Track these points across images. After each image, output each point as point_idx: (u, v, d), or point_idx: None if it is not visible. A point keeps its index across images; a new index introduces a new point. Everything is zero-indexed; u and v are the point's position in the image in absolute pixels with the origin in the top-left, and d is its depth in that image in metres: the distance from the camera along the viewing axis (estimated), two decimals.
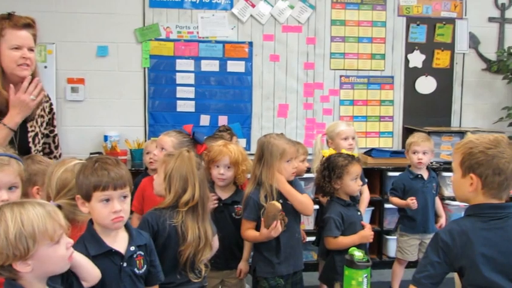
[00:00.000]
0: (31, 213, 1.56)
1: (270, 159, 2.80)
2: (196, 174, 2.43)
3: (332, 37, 5.00)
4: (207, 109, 4.85)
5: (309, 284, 4.07)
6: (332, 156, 3.13)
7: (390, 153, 4.93)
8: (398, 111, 5.19)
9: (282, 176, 2.83)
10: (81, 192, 1.93)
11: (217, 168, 2.95)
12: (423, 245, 3.91)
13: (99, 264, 1.90)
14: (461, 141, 2.08)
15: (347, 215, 3.06)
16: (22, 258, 1.53)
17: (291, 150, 2.85)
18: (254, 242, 2.87)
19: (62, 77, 4.63)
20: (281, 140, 2.86)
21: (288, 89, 4.97)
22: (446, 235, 2.00)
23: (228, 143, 3.06)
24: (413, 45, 5.13)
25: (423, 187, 3.88)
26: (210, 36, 4.81)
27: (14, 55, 2.58)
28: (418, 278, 2.01)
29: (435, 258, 1.99)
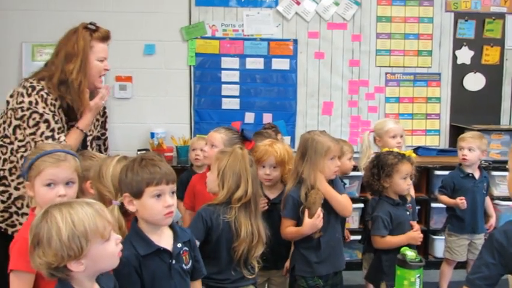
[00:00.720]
0: (80, 212, 1.57)
1: (314, 156, 2.75)
2: (249, 171, 2.46)
3: (378, 34, 4.94)
4: (252, 107, 4.87)
5: (353, 283, 4.07)
6: (381, 154, 3.10)
7: (437, 151, 4.86)
8: (445, 108, 5.09)
9: (322, 175, 2.77)
10: (130, 190, 1.93)
11: (263, 168, 2.92)
12: (473, 245, 3.85)
13: (149, 263, 1.93)
14: None
15: (396, 214, 3.02)
16: (76, 258, 1.54)
17: (335, 148, 2.80)
18: (295, 238, 2.81)
19: (111, 75, 4.70)
20: (325, 137, 2.82)
21: (333, 86, 4.95)
22: (501, 236, 1.96)
23: (274, 142, 3.04)
24: (461, 41, 5.02)
25: (474, 186, 3.80)
26: (255, 34, 4.82)
27: (100, 66, 2.74)
28: (472, 279, 1.98)
29: (490, 259, 1.95)
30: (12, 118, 2.63)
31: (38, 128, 2.59)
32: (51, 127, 2.60)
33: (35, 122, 2.59)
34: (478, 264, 1.99)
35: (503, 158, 4.74)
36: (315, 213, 2.70)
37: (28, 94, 2.60)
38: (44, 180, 2.04)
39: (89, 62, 2.69)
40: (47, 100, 2.62)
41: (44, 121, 2.59)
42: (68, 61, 2.66)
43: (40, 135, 2.58)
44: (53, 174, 2.04)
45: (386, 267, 3.01)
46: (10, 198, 2.63)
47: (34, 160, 2.06)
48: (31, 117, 2.59)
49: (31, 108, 2.58)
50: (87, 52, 2.69)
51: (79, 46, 2.67)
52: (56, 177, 2.05)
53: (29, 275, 1.94)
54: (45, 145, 2.30)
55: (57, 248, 1.52)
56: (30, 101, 2.59)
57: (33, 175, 2.05)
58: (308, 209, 2.71)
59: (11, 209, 2.64)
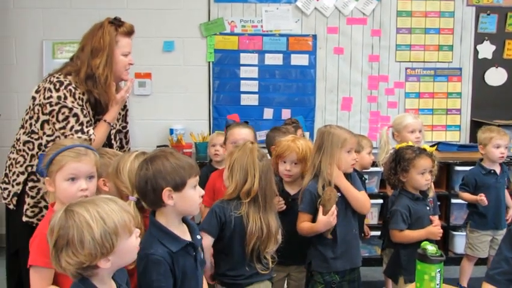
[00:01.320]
0: (107, 209, 1.57)
1: (331, 148, 2.73)
2: (257, 165, 2.45)
3: (398, 29, 4.91)
4: (271, 102, 4.87)
5: (373, 279, 4.06)
6: (401, 148, 3.09)
7: (457, 147, 4.81)
8: (465, 104, 5.04)
9: (340, 172, 2.77)
10: (173, 183, 1.92)
11: (283, 163, 2.92)
12: (495, 242, 3.81)
13: (180, 259, 1.95)
14: None
15: (415, 209, 3.01)
16: (107, 255, 1.54)
17: (352, 141, 2.78)
18: (310, 234, 2.78)
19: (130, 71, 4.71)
20: (342, 130, 2.81)
21: (352, 81, 4.92)
22: None
23: (296, 138, 3.02)
24: (483, 35, 4.96)
25: (496, 183, 3.77)
26: (273, 29, 4.82)
27: (125, 61, 2.82)
28: (492, 274, 1.97)
29: (510, 254, 1.94)
30: (39, 113, 2.67)
31: (68, 122, 2.63)
32: (80, 121, 2.64)
33: (65, 117, 2.63)
34: (498, 259, 1.99)
35: None
36: (329, 210, 2.68)
37: (56, 89, 2.64)
38: (66, 174, 2.07)
39: (114, 56, 2.75)
40: (75, 94, 2.66)
41: (74, 115, 2.63)
42: (95, 56, 2.71)
43: (70, 129, 2.62)
44: (75, 169, 2.08)
45: (404, 261, 3.01)
46: (39, 193, 2.68)
47: (55, 155, 2.09)
48: (60, 112, 2.63)
49: (60, 103, 2.62)
50: (113, 47, 2.74)
51: (104, 41, 2.72)
52: (78, 172, 2.08)
53: (49, 270, 1.97)
54: (64, 141, 2.34)
55: (91, 247, 1.51)
56: (58, 95, 2.63)
57: (54, 170, 2.08)
58: (323, 206, 2.70)
59: (40, 204, 2.69)
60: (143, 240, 1.91)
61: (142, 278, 1.92)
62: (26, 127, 2.73)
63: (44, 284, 1.98)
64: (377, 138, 4.87)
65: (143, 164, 1.98)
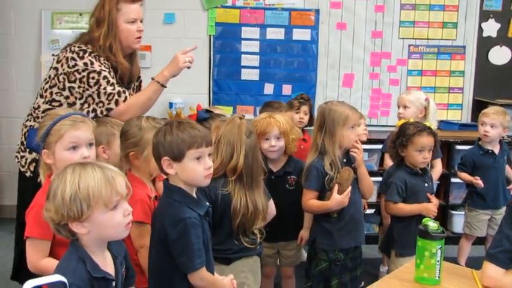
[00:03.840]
0: (90, 177, 1.56)
1: (333, 126, 2.71)
2: (243, 141, 2.39)
3: (402, 5, 4.83)
4: (272, 78, 4.82)
5: (370, 256, 4.06)
6: (406, 123, 3.07)
7: (459, 126, 4.79)
8: (468, 82, 5.00)
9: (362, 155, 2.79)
10: (171, 153, 1.93)
11: (267, 141, 2.88)
12: (493, 221, 3.81)
13: (204, 224, 1.99)
14: None
15: (412, 183, 3.02)
16: (77, 220, 1.54)
17: (354, 117, 2.75)
18: (319, 212, 2.79)
19: None
20: (343, 106, 2.78)
21: (354, 58, 4.87)
22: None
23: (272, 114, 2.99)
24: (488, 13, 4.89)
25: (495, 162, 3.74)
26: (276, 3, 4.74)
27: (131, 29, 2.75)
28: (493, 253, 1.95)
29: (511, 231, 1.92)
30: (65, 82, 2.68)
31: (100, 85, 2.65)
32: (111, 82, 2.67)
33: (95, 81, 2.65)
34: (499, 237, 1.97)
35: None
36: (345, 190, 2.68)
37: (80, 57, 2.65)
38: (67, 144, 2.05)
39: (117, 25, 2.71)
40: (100, 60, 2.68)
41: (103, 78, 2.66)
42: (98, 26, 2.71)
43: (104, 89, 2.64)
44: (75, 137, 2.06)
45: (397, 234, 3.04)
46: None
47: (52, 125, 2.05)
48: (90, 77, 2.64)
49: (88, 69, 2.64)
50: (113, 15, 2.71)
51: (105, 10, 2.70)
52: (78, 139, 2.07)
53: (45, 242, 1.97)
54: (57, 110, 2.32)
55: (59, 205, 1.53)
56: (85, 62, 2.64)
57: (53, 141, 2.05)
58: (339, 185, 2.69)
59: None
60: (169, 207, 1.96)
61: (177, 244, 1.92)
62: (46, 96, 2.73)
63: (39, 255, 1.98)
64: (377, 115, 4.87)
65: (156, 132, 2.01)
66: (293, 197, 2.88)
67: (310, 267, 2.85)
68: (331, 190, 2.71)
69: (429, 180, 3.16)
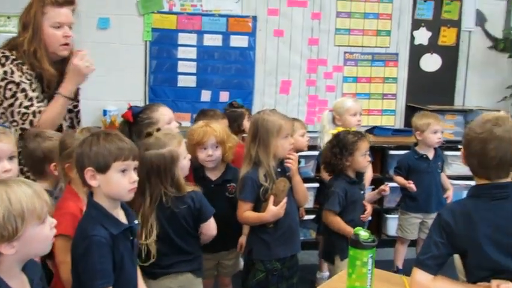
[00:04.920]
0: (18, 191, 1.49)
1: (266, 136, 2.69)
2: None
3: (338, 12, 4.92)
4: (209, 84, 4.79)
5: (308, 263, 4.09)
6: (340, 133, 3.11)
7: (392, 131, 4.91)
8: (401, 89, 5.14)
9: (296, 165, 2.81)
10: (95, 163, 1.87)
11: (204, 150, 2.86)
12: (425, 224, 3.92)
13: (118, 242, 1.91)
14: None
15: (351, 192, 3.07)
16: (9, 239, 1.46)
17: (287, 126, 2.75)
18: (255, 223, 2.78)
19: None
20: (276, 115, 2.76)
21: (292, 65, 4.91)
22: (448, 215, 1.98)
23: (208, 122, 2.97)
24: (420, 21, 5.05)
25: (428, 167, 3.86)
26: (213, 9, 4.72)
27: (56, 34, 2.60)
28: (422, 259, 1.99)
29: (439, 238, 1.97)
30: None
31: (16, 98, 2.50)
32: (29, 96, 2.52)
33: (12, 93, 2.50)
34: (428, 244, 2.01)
35: (457, 138, 4.84)
36: (281, 201, 2.68)
37: (1, 64, 2.51)
38: None
39: (42, 29, 2.57)
40: (22, 69, 2.53)
41: (22, 90, 2.51)
42: (24, 30, 2.58)
43: (19, 106, 2.49)
44: None
45: (337, 242, 3.07)
46: None
47: None
48: (7, 88, 2.49)
49: (6, 78, 2.49)
50: (38, 19, 2.57)
51: (30, 14, 2.58)
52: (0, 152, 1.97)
53: None
54: None
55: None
56: (5, 70, 2.50)
57: None
58: (275, 196, 2.68)
59: None
60: (83, 221, 1.90)
61: (81, 260, 1.86)
62: None
63: None
64: (314, 122, 4.92)
65: (81, 142, 1.94)
66: (233, 204, 2.85)
67: (247, 278, 2.82)
68: (267, 201, 2.69)
69: (364, 187, 3.23)
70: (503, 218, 1.91)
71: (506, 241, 1.89)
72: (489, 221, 1.91)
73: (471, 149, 1.96)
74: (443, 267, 1.99)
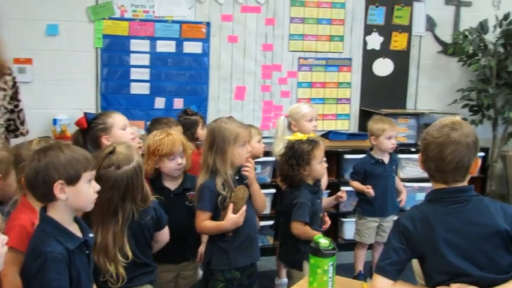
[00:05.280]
0: None
1: (223, 144, 2.67)
2: None
3: (291, 18, 4.92)
4: (163, 91, 4.71)
5: (265, 269, 4.07)
6: (295, 143, 3.08)
7: (347, 135, 4.94)
8: (355, 93, 5.19)
9: (253, 173, 2.78)
10: (66, 175, 1.81)
11: (173, 160, 2.81)
12: (381, 228, 3.97)
13: (76, 258, 1.85)
14: None
15: (313, 201, 3.06)
16: None
17: (244, 134, 2.73)
18: (214, 233, 2.74)
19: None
20: (232, 123, 2.74)
21: (246, 70, 4.89)
22: (407, 220, 1.99)
23: (168, 131, 2.94)
24: (372, 27, 5.11)
25: (384, 171, 3.90)
26: (166, 15, 4.65)
27: None
28: (382, 265, 1.99)
29: (398, 244, 1.98)
30: None
31: None
32: None
33: None
34: (387, 249, 2.01)
35: (409, 141, 4.92)
36: (240, 209, 2.65)
37: None
38: None
39: None
40: None
41: None
42: None
43: None
44: None
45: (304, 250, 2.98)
46: None
47: None
48: None
49: None
50: None
51: None
52: None
53: None
54: None
55: None
56: None
57: None
58: (234, 204, 2.65)
59: None
60: (35, 238, 1.83)
61: (36, 279, 1.79)
62: None
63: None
64: (269, 127, 4.91)
65: (35, 154, 1.85)
66: (193, 213, 2.80)
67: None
68: (225, 209, 2.66)
69: (321, 195, 3.22)
70: (461, 222, 1.93)
71: (465, 245, 1.91)
72: (448, 225, 1.93)
73: (428, 154, 1.97)
74: (402, 272, 2.00)
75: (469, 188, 2.00)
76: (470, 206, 1.96)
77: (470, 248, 1.91)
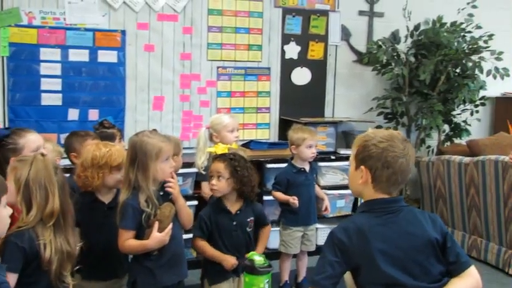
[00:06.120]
0: None
1: (145, 160, 2.55)
2: (54, 182, 2.19)
3: (209, 27, 4.85)
4: (76, 102, 4.47)
5: (191, 283, 3.93)
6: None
7: (268, 144, 4.93)
8: (274, 102, 5.19)
9: (177, 189, 2.68)
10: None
11: (119, 172, 2.70)
12: (305, 237, 3.97)
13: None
14: (360, 135, 2.08)
15: (216, 218, 2.99)
16: None
17: (167, 148, 2.63)
18: (138, 252, 2.62)
19: None
20: (155, 137, 2.63)
21: (164, 80, 4.75)
22: (341, 233, 1.96)
23: (107, 143, 2.82)
24: (289, 36, 5.14)
25: (306, 180, 3.91)
26: (78, 23, 4.42)
27: None
28: (317, 280, 1.95)
29: (333, 257, 1.95)
30: None
31: None
32: None
33: None
34: (322, 263, 1.98)
35: (329, 149, 4.98)
36: (166, 227, 2.54)
37: None
38: None
39: None
40: None
41: None
42: None
43: None
44: None
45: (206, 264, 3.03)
46: None
47: None
48: None
49: None
50: None
51: None
52: None
53: None
54: None
55: None
56: None
57: None
58: (159, 222, 2.53)
59: None
60: None
61: None
62: None
63: None
64: (189, 138, 4.81)
65: None
66: None
67: None
68: (150, 227, 2.55)
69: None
70: (395, 232, 1.93)
71: (399, 255, 1.91)
72: (382, 235, 1.92)
73: (390, 165, 1.96)
74: (337, 285, 1.97)
75: (399, 198, 2.03)
76: (401, 216, 1.98)
77: (404, 257, 1.92)
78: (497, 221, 4.42)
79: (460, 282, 1.93)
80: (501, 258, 4.44)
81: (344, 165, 4.87)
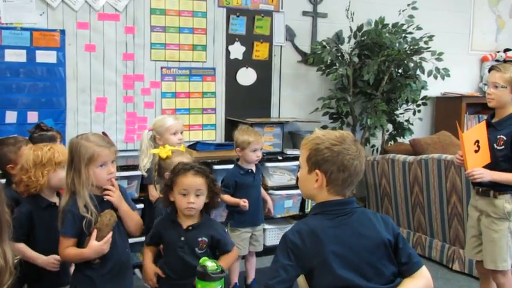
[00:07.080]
0: None
1: (79, 164, 2.45)
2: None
3: (152, 27, 4.75)
4: (14, 105, 4.28)
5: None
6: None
7: (214, 146, 4.87)
8: (220, 103, 5.14)
9: (117, 196, 2.56)
10: None
11: (63, 169, 2.60)
12: (253, 237, 3.96)
13: None
14: (308, 137, 2.05)
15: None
16: None
17: (103, 153, 2.49)
18: (78, 261, 2.52)
19: None
20: (94, 141, 2.51)
21: (106, 81, 4.62)
22: (294, 236, 1.94)
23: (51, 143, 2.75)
24: (234, 36, 5.10)
25: (254, 181, 3.89)
26: (14, 22, 4.24)
27: None
28: (271, 284, 1.92)
29: (287, 261, 1.92)
30: None
31: None
32: None
33: None
34: (275, 267, 1.94)
35: (276, 150, 4.98)
36: (105, 235, 2.44)
37: None
38: None
39: None
40: None
41: None
42: None
43: None
44: None
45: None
46: None
47: None
48: None
49: None
50: None
51: None
52: None
53: None
54: None
55: None
56: None
57: None
58: (98, 230, 2.43)
59: None
60: None
61: None
62: None
63: None
64: (134, 140, 4.70)
65: None
66: None
67: None
68: (91, 235, 2.45)
69: None
70: (348, 234, 1.92)
71: (352, 257, 1.90)
72: (336, 237, 1.91)
73: (346, 167, 1.94)
74: None
75: (352, 200, 2.02)
76: (354, 218, 1.97)
77: (358, 259, 1.91)
78: (441, 218, 4.54)
79: (412, 283, 1.94)
80: (445, 255, 4.56)
81: (291, 166, 4.88)
